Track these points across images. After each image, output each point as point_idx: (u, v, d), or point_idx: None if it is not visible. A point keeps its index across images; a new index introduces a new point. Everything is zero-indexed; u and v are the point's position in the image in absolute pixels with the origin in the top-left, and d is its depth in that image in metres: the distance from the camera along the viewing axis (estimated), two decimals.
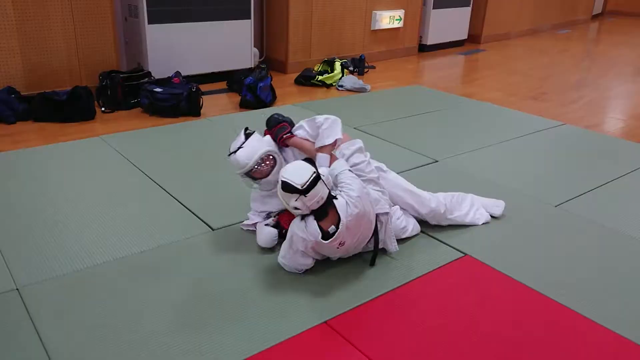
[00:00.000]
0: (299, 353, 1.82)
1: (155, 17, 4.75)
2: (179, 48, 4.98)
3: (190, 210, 2.74)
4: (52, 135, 3.82)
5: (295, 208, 2.09)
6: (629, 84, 6.23)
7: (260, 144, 2.35)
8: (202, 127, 4.08)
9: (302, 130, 2.43)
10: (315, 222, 2.08)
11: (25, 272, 2.19)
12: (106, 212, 2.70)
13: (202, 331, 1.90)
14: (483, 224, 2.70)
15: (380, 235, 2.32)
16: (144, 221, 2.64)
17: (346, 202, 2.10)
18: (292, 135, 2.41)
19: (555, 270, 2.37)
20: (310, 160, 2.22)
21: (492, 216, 2.77)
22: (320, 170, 2.13)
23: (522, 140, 4.02)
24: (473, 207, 2.73)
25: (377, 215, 2.27)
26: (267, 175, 2.36)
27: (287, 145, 2.44)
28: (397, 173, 3.29)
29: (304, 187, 2.02)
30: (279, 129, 2.41)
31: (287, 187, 2.04)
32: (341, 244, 2.12)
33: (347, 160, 2.33)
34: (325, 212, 2.08)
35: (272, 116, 2.49)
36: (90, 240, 2.45)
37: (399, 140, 3.85)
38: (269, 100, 4.73)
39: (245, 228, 2.54)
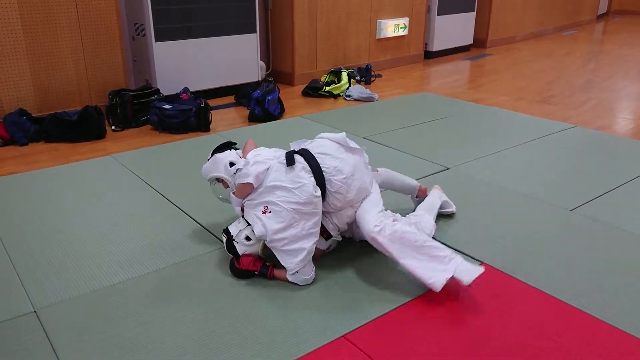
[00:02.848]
0: None
1: (162, 35, 4.79)
2: (186, 64, 5.02)
3: (203, 227, 2.74)
4: (64, 155, 3.85)
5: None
6: (637, 84, 6.19)
7: (216, 166, 2.44)
8: (213, 142, 4.04)
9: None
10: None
11: (42, 293, 2.20)
12: (120, 231, 2.71)
13: (221, 350, 1.89)
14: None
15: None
16: (158, 239, 2.64)
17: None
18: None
19: (575, 277, 2.34)
20: None
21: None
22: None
23: (532, 145, 4.00)
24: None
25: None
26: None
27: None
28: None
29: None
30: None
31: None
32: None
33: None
34: None
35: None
36: (105, 259, 2.45)
37: (409, 149, 3.85)
38: (277, 113, 4.74)
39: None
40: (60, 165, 3.63)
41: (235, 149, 2.51)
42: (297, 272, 2.20)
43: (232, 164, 2.39)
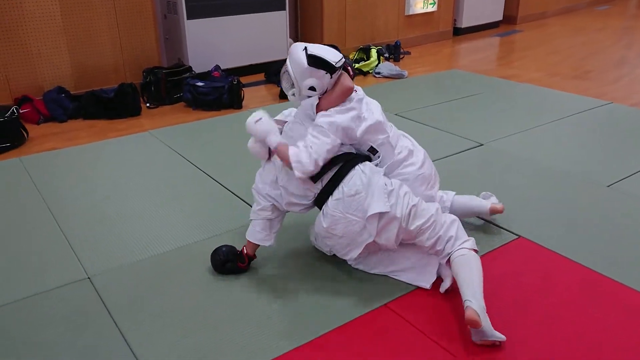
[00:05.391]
0: (363, 333, 1.87)
1: (194, 13, 4.83)
2: (217, 42, 5.06)
3: (242, 200, 2.81)
4: (102, 131, 3.95)
5: (311, 88, 2.01)
6: None
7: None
8: (245, 119, 4.14)
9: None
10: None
11: (93, 262, 2.30)
12: (162, 204, 2.80)
13: (264, 321, 1.96)
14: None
15: None
16: (199, 211, 2.72)
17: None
18: None
19: (614, 250, 2.34)
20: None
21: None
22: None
23: (568, 121, 3.95)
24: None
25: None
26: None
27: None
28: (444, 158, 3.31)
29: (338, 63, 1.99)
30: None
31: (317, 62, 1.96)
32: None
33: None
34: None
35: None
36: (149, 231, 2.54)
37: (441, 125, 3.84)
38: None
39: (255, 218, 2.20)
40: (100, 141, 3.73)
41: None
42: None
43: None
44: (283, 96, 4.69)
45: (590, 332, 1.88)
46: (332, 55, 2.00)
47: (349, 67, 2.12)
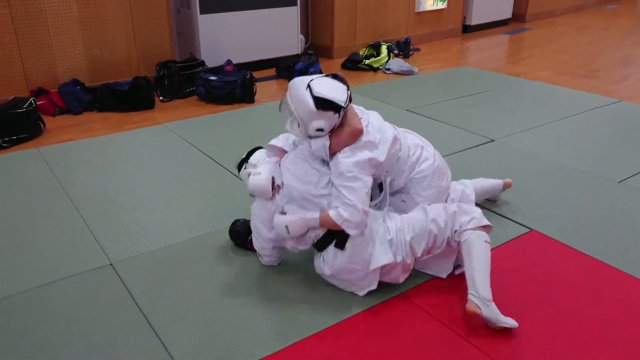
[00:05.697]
0: (382, 321, 1.92)
1: (207, 8, 4.88)
2: (229, 37, 5.10)
3: None
4: (117, 124, 4.00)
5: (319, 129, 1.91)
6: None
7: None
8: (259, 113, 4.21)
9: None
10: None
11: (114, 249, 2.35)
12: (178, 194, 2.85)
13: (287, 304, 2.01)
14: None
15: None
16: (214, 202, 2.77)
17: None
18: None
19: (626, 243, 2.38)
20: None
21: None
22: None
23: (578, 118, 3.99)
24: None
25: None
26: None
27: None
28: (456, 153, 3.35)
29: (346, 102, 1.90)
30: None
31: (325, 104, 1.86)
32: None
33: None
34: None
35: None
36: (166, 221, 2.60)
37: (453, 121, 3.88)
38: None
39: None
40: (115, 133, 3.79)
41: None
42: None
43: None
44: None
45: (604, 324, 1.92)
46: (338, 94, 1.90)
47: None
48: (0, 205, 2.76)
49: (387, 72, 5.42)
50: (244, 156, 2.24)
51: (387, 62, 5.52)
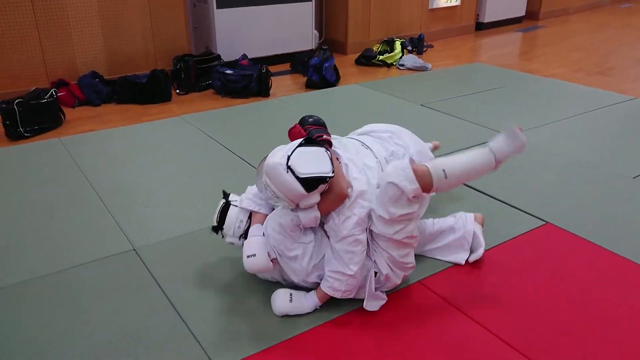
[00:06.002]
0: (398, 309, 1.96)
1: (223, 2, 4.93)
2: (244, 31, 5.16)
3: None
4: (136, 116, 4.07)
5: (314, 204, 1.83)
6: None
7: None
8: (274, 107, 4.26)
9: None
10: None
11: (137, 235, 2.41)
12: (196, 185, 2.91)
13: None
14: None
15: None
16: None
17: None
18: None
19: (637, 235, 2.41)
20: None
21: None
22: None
23: (592, 115, 4.00)
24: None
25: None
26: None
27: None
28: (470, 147, 3.36)
29: (331, 172, 1.77)
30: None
31: (314, 184, 1.75)
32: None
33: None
34: None
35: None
36: (187, 208, 2.65)
37: (467, 116, 3.91)
38: (333, 80, 4.84)
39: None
40: (134, 124, 3.85)
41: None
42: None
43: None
44: (309, 86, 4.78)
45: (620, 314, 1.95)
46: (321, 164, 1.77)
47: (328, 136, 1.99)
48: (27, 191, 2.83)
49: (400, 67, 5.45)
50: (217, 218, 2.07)
51: (400, 57, 5.54)
